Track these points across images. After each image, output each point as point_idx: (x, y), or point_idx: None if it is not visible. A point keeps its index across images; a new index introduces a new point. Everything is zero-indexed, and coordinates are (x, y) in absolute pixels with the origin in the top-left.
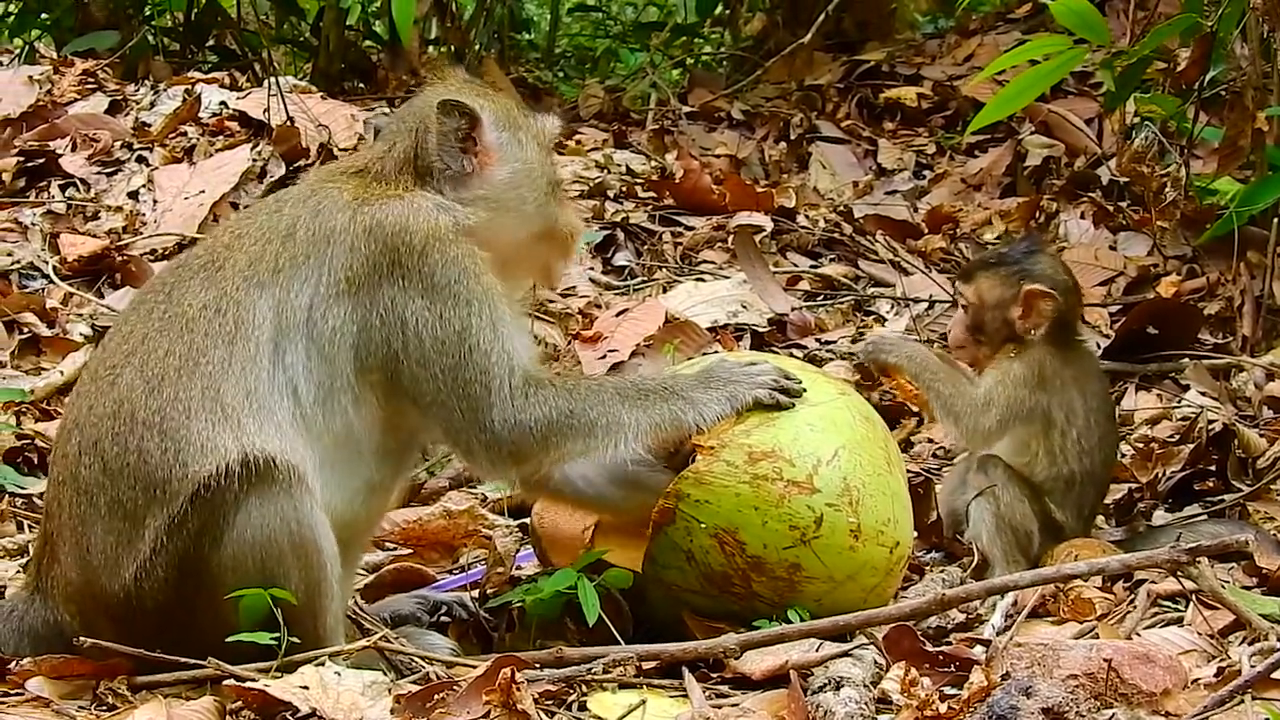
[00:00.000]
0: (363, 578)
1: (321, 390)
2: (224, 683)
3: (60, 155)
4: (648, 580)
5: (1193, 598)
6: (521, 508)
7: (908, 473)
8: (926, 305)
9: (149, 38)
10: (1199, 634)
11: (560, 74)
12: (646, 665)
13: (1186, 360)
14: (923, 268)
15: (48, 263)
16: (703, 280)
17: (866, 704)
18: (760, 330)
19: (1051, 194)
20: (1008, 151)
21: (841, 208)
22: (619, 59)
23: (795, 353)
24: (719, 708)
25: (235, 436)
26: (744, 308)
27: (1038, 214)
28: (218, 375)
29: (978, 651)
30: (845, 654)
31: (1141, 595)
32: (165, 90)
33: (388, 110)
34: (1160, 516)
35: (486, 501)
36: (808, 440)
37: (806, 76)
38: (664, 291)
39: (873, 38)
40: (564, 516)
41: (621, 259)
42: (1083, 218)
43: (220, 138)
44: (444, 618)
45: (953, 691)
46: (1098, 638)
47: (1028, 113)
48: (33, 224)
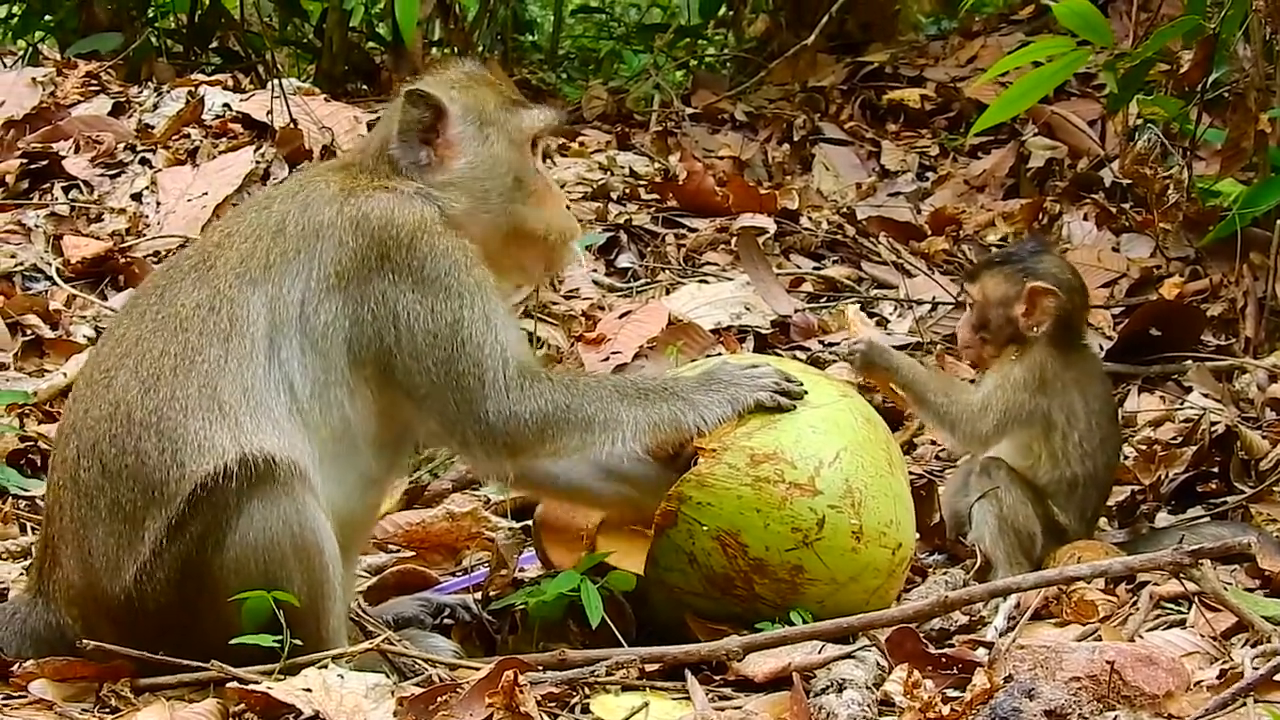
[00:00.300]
0: (365, 580)
1: (317, 385)
2: (227, 685)
3: (63, 157)
4: (650, 583)
5: (1195, 600)
6: (524, 510)
7: (910, 474)
8: (929, 307)
9: (152, 40)
10: (1201, 636)
11: (563, 75)
12: (649, 667)
13: (1189, 362)
14: (926, 269)
15: (51, 265)
16: (706, 282)
17: (869, 706)
18: (763, 332)
19: (1054, 196)
20: (1011, 153)
21: (844, 209)
22: (622, 60)
23: (798, 354)
24: (722, 710)
25: (233, 436)
26: (747, 309)
27: (1041, 215)
28: (214, 373)
29: (980, 653)
30: (848, 656)
31: (1144, 597)
32: (168, 92)
33: (391, 103)
34: (1163, 518)
35: (489, 504)
36: (810, 442)
37: (810, 78)
38: (667, 293)
39: (876, 39)
40: (566, 519)
41: (624, 261)
42: (1086, 219)
43: (223, 140)
44: (447, 620)
45: (955, 694)
46: (1100, 640)
47: (1031, 114)
48: (36, 226)
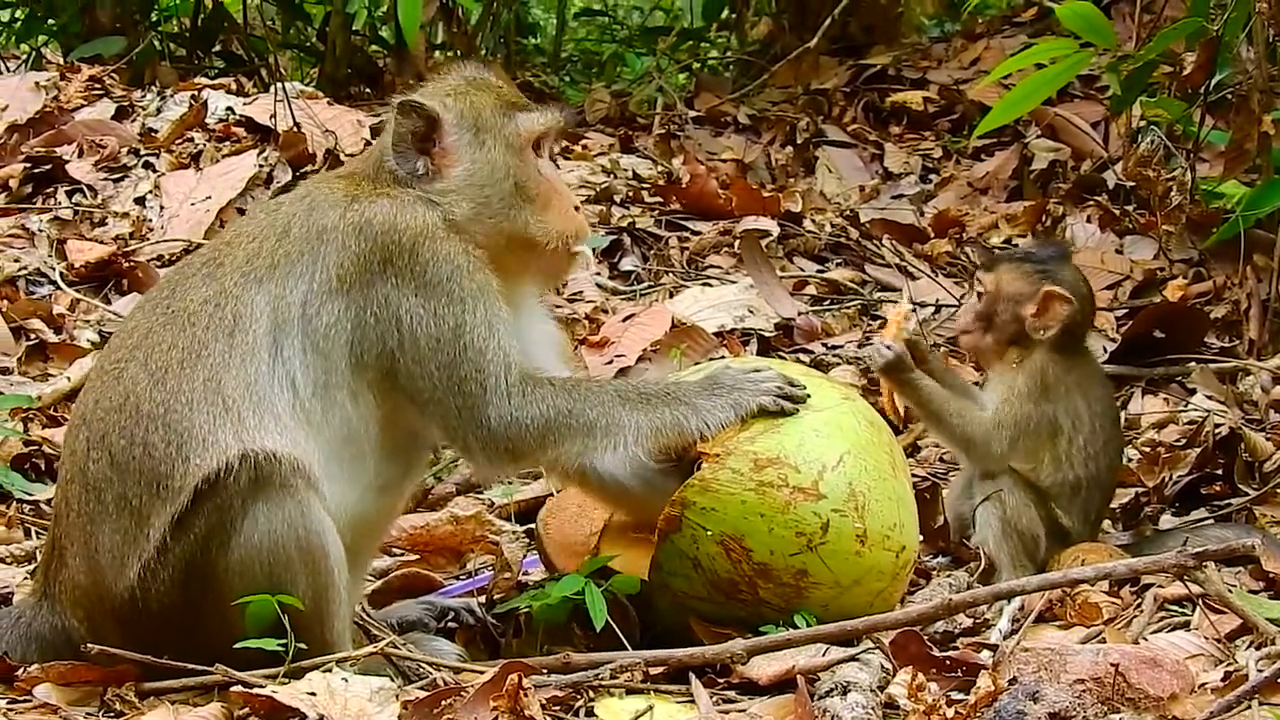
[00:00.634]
0: (370, 583)
1: (318, 385)
2: (231, 689)
3: (67, 161)
4: (654, 587)
5: (1199, 602)
6: (528, 513)
7: (914, 478)
8: (933, 309)
9: (155, 43)
10: (1206, 638)
11: (566, 79)
12: (654, 671)
13: (1193, 364)
14: (929, 272)
15: (55, 269)
16: (709, 285)
17: (873, 709)
18: (767, 335)
19: (1058, 198)
20: (1014, 155)
21: (848, 212)
22: (625, 63)
23: (802, 357)
24: (726, 713)
25: (236, 431)
26: (750, 312)
27: (1044, 218)
28: (219, 367)
29: (984, 656)
30: (852, 659)
31: (1148, 600)
32: (172, 96)
33: (387, 114)
34: (1167, 521)
35: (493, 507)
36: (813, 446)
37: (813, 81)
38: (670, 296)
39: (879, 42)
40: (570, 522)
41: (628, 264)
42: (1089, 221)
43: (227, 143)
44: (451, 623)
45: (960, 696)
46: (1105, 642)
47: (1034, 116)
48: (40, 230)
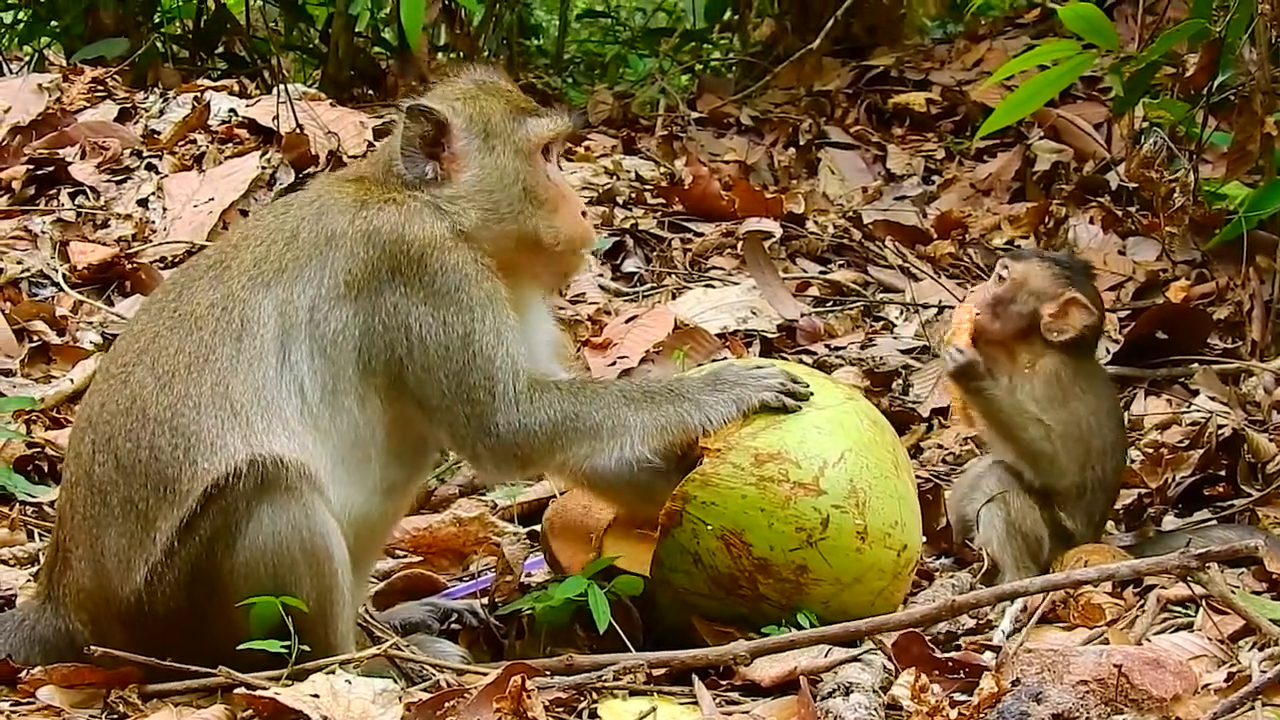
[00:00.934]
0: (373, 585)
1: (326, 390)
2: (235, 691)
3: (70, 163)
4: (656, 584)
5: (1203, 603)
6: (531, 515)
7: (917, 478)
8: (936, 311)
9: (158, 45)
10: (1209, 639)
11: (569, 80)
12: (657, 672)
13: (1196, 365)
14: (932, 273)
15: (57, 270)
16: (712, 286)
17: (876, 710)
18: (770, 336)
19: (1060, 199)
20: (1017, 157)
21: (850, 213)
22: (628, 65)
23: (805, 359)
24: (729, 714)
25: (244, 436)
26: (753, 314)
27: (1047, 219)
28: (226, 371)
29: (988, 657)
30: (855, 660)
31: (1151, 601)
32: (174, 98)
33: (396, 118)
34: (1170, 522)
35: (496, 509)
36: (814, 443)
37: (815, 82)
38: (673, 298)
39: (882, 43)
40: (574, 522)
41: (631, 265)
42: (1092, 223)
43: (229, 145)
44: (454, 625)
45: (963, 697)
46: (1108, 643)
47: (1037, 118)
48: (42, 232)
